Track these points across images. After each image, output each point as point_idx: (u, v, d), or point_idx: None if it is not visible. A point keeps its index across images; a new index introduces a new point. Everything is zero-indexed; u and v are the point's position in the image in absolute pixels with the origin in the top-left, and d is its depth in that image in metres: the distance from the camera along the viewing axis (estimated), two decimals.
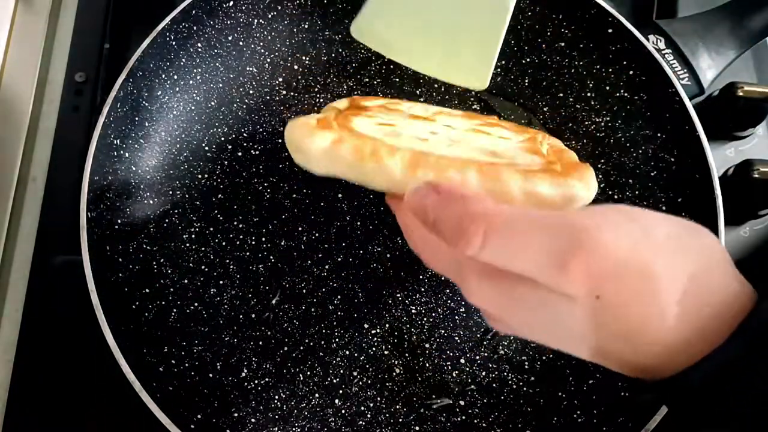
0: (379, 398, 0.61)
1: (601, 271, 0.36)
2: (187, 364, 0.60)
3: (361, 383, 0.61)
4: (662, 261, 0.37)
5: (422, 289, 0.64)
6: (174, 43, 0.66)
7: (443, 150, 0.50)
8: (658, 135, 0.67)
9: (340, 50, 0.72)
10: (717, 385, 0.36)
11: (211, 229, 0.66)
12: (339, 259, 0.65)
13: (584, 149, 0.69)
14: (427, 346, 0.63)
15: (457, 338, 0.63)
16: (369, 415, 0.60)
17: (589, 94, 0.70)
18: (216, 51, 0.69)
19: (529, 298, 0.38)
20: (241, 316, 0.63)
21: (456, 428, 0.60)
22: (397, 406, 0.61)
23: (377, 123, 0.54)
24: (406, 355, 0.62)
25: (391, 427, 0.60)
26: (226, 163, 0.68)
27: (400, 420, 0.60)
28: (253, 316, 0.63)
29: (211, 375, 0.60)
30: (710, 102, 0.75)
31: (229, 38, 0.70)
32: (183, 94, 0.68)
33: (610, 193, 0.68)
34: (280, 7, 0.71)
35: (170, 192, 0.66)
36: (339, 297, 0.64)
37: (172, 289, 0.63)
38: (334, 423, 0.59)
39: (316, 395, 0.61)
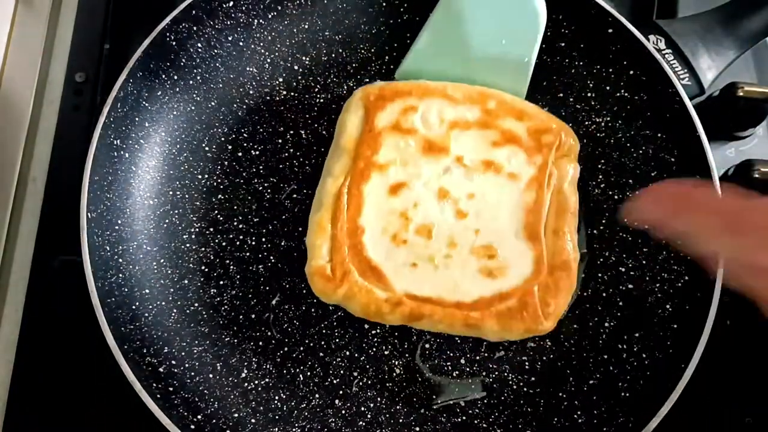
0: (379, 398, 0.61)
1: None
2: (187, 364, 0.60)
3: (361, 383, 0.61)
4: None
5: None
6: (174, 43, 0.66)
7: (442, 270, 0.60)
8: (658, 135, 0.67)
9: (340, 50, 0.72)
10: None
11: (211, 229, 0.66)
12: None
13: (584, 149, 0.69)
14: (427, 346, 0.63)
15: (457, 338, 0.63)
16: (369, 416, 0.60)
17: (589, 94, 0.70)
18: (216, 51, 0.69)
19: None
20: (241, 316, 0.63)
21: (456, 428, 0.60)
22: (397, 407, 0.61)
23: (388, 191, 0.62)
24: (406, 355, 0.62)
25: (391, 427, 0.60)
26: (226, 163, 0.68)
27: (400, 420, 0.60)
28: (253, 316, 0.63)
29: (211, 375, 0.60)
30: (710, 102, 0.75)
31: (229, 38, 0.70)
32: (183, 94, 0.68)
33: (610, 193, 0.68)
34: (280, 8, 0.71)
35: (170, 192, 0.66)
36: None
37: (172, 289, 0.63)
38: (334, 423, 0.59)
39: (316, 395, 0.61)
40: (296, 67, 0.72)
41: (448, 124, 0.64)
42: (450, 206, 0.62)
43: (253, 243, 0.65)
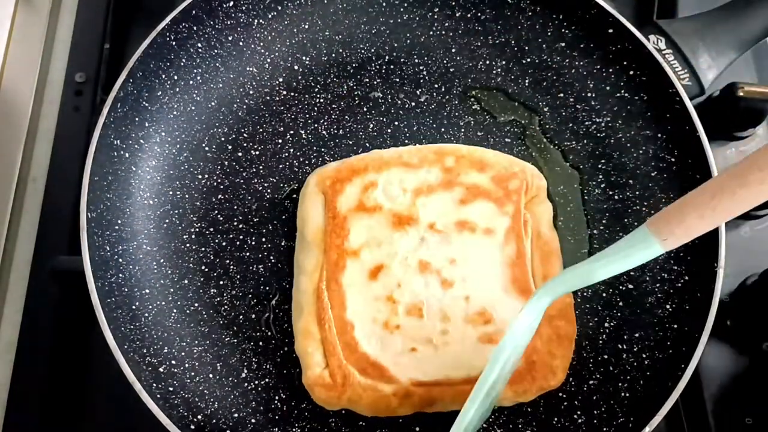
0: None
1: None
2: (187, 364, 0.60)
3: None
4: None
5: None
6: (174, 43, 0.66)
7: (442, 349, 0.58)
8: (658, 135, 0.67)
9: (340, 50, 0.72)
10: None
11: (211, 229, 0.66)
12: None
13: (584, 149, 0.69)
14: None
15: None
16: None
17: (589, 94, 0.70)
18: (216, 51, 0.69)
19: None
20: (241, 316, 0.63)
21: None
22: None
23: (368, 276, 0.59)
24: None
25: (391, 427, 0.60)
26: (226, 163, 0.68)
27: (400, 420, 0.60)
28: (253, 316, 0.63)
29: (211, 375, 0.60)
30: (711, 102, 0.75)
31: (229, 38, 0.70)
32: (183, 94, 0.68)
33: (610, 193, 0.68)
34: (280, 8, 0.71)
35: (170, 192, 0.66)
36: None
37: (172, 289, 0.63)
38: (334, 423, 0.59)
39: None
40: (296, 67, 0.72)
41: (412, 192, 0.62)
42: (434, 278, 0.60)
43: (253, 243, 0.65)
